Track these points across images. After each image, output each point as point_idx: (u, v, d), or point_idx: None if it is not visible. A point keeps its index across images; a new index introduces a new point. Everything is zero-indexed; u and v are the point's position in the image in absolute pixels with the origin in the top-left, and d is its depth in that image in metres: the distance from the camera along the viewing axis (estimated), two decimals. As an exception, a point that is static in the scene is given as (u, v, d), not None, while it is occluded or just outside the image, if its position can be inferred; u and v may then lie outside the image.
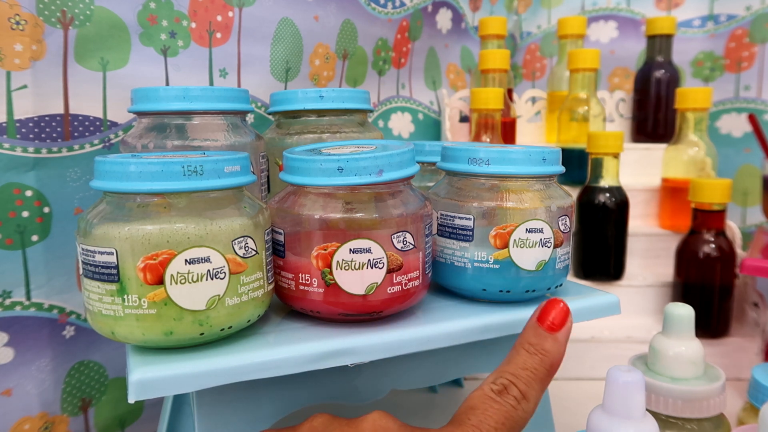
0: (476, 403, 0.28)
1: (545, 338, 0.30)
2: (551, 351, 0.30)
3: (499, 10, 0.90)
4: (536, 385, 0.29)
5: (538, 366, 0.29)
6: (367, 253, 0.31)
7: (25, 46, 0.40)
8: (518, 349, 0.30)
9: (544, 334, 0.30)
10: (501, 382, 0.29)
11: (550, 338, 0.30)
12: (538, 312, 0.31)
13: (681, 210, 0.66)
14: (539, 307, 0.31)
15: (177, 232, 0.28)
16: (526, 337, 0.30)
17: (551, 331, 0.30)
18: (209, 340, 0.30)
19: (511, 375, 0.29)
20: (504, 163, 0.35)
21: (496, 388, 0.28)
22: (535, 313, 0.31)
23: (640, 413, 0.29)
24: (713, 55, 0.83)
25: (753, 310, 0.61)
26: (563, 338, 0.30)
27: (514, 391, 0.28)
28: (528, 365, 0.29)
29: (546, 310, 0.31)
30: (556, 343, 0.30)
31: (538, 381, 0.29)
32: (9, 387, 0.42)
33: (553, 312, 0.31)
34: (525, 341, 0.30)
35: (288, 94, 0.43)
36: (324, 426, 0.28)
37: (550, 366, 0.30)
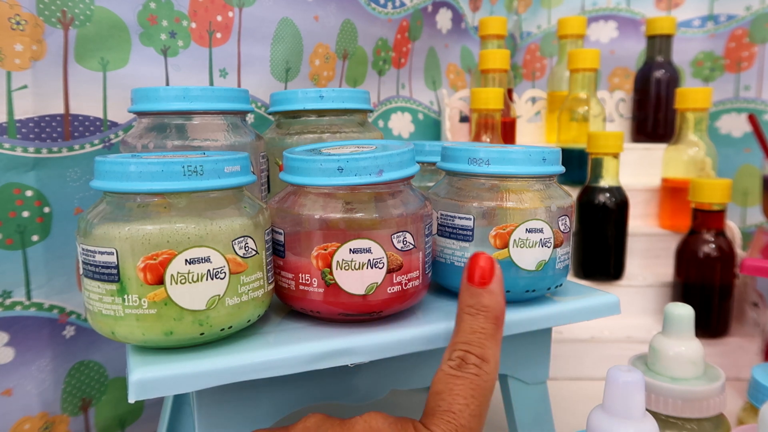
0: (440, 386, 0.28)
1: (480, 294, 0.30)
2: (491, 304, 0.29)
3: (499, 10, 0.90)
4: (490, 343, 0.29)
5: (485, 323, 0.29)
6: (367, 253, 0.31)
7: (25, 46, 0.40)
8: (460, 315, 0.30)
9: (478, 291, 0.30)
10: (456, 356, 0.28)
11: (485, 293, 0.30)
12: (466, 271, 0.31)
13: (681, 210, 0.66)
14: (465, 267, 0.31)
15: (177, 232, 0.28)
16: (462, 300, 0.30)
17: (483, 286, 0.30)
18: (209, 340, 0.30)
19: (462, 344, 0.29)
20: (504, 163, 0.35)
21: (453, 363, 0.28)
22: (464, 274, 0.31)
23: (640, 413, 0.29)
24: (713, 55, 0.83)
25: (753, 310, 0.61)
26: (497, 287, 0.30)
27: (472, 358, 0.28)
28: (475, 327, 0.29)
29: (471, 267, 0.31)
30: (493, 295, 0.30)
31: (490, 339, 0.29)
32: (9, 387, 0.42)
33: (478, 267, 0.30)
34: (463, 305, 0.30)
35: (288, 94, 0.43)
36: (317, 426, 0.28)
37: (495, 319, 0.29)
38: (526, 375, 0.39)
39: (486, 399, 0.28)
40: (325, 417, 0.29)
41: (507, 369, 0.39)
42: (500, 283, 0.31)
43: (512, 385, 0.39)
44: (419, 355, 0.35)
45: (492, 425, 0.50)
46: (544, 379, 0.40)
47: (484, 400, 0.28)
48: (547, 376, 0.40)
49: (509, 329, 0.35)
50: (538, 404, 0.40)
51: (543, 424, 0.40)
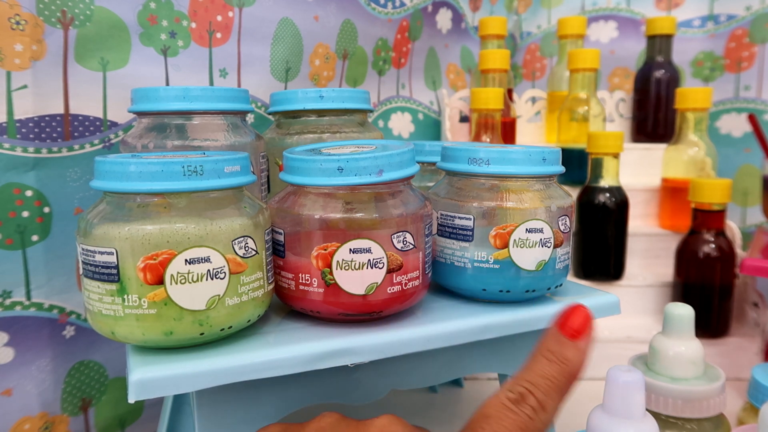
0: (491, 412, 0.27)
1: (566, 346, 0.28)
2: (572, 359, 0.28)
3: (499, 10, 0.90)
4: (555, 395, 0.27)
5: (558, 375, 0.28)
6: (367, 253, 0.31)
7: (25, 46, 0.40)
8: (537, 356, 0.29)
9: (566, 341, 0.28)
10: (518, 390, 0.27)
11: (571, 346, 0.28)
12: (560, 318, 0.29)
13: (681, 210, 0.66)
14: (561, 313, 0.30)
15: (177, 232, 0.28)
16: (546, 344, 0.29)
17: (573, 339, 0.29)
18: (209, 340, 0.30)
19: (528, 383, 0.27)
20: (504, 163, 0.35)
21: (512, 396, 0.27)
22: (556, 319, 0.30)
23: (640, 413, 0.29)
24: (713, 55, 0.83)
25: (753, 310, 0.61)
26: (585, 346, 0.29)
27: (532, 400, 0.27)
28: (547, 374, 0.28)
29: (568, 316, 0.29)
30: (578, 352, 0.28)
31: (557, 391, 0.28)
32: (9, 387, 0.42)
33: (575, 318, 0.29)
34: (545, 348, 0.29)
35: (288, 94, 0.43)
36: (332, 427, 0.27)
37: (570, 375, 0.28)
38: (526, 375, 0.39)
39: None
40: (341, 417, 0.28)
41: (507, 369, 0.39)
42: (589, 342, 0.29)
43: (512, 385, 0.39)
44: (419, 355, 0.35)
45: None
46: (544, 379, 0.40)
47: None
48: (547, 376, 0.40)
49: (510, 329, 0.36)
50: (538, 404, 0.40)
51: (543, 424, 0.40)
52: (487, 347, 0.38)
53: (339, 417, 0.28)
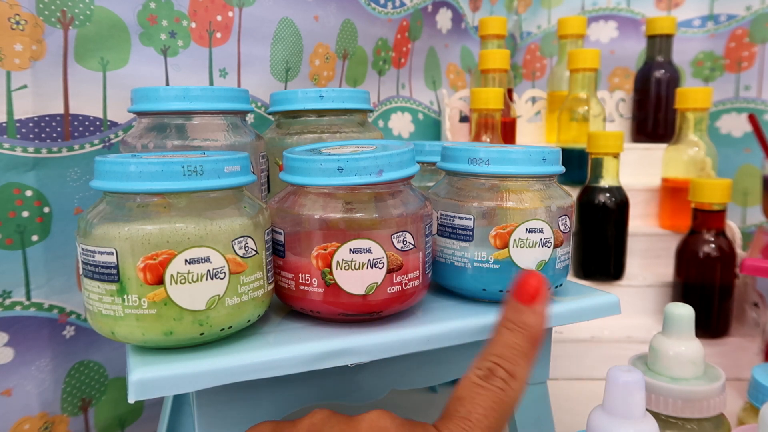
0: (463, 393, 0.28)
1: (524, 312, 0.29)
2: (532, 324, 0.29)
3: (499, 10, 0.90)
4: (522, 361, 0.28)
5: (521, 341, 0.29)
6: (367, 253, 0.31)
7: (25, 46, 0.40)
8: (499, 328, 0.29)
9: (522, 308, 0.29)
10: (486, 366, 0.28)
11: (528, 311, 0.29)
12: (514, 288, 0.30)
13: (681, 210, 0.66)
14: (514, 283, 0.30)
15: (177, 232, 0.28)
16: (505, 314, 0.30)
17: (529, 304, 0.29)
18: (209, 340, 0.30)
19: (495, 356, 0.28)
20: (504, 163, 0.35)
21: (481, 373, 0.28)
22: (511, 288, 0.30)
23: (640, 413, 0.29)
24: (713, 55, 0.83)
25: (753, 310, 0.61)
26: (542, 309, 0.30)
27: (501, 372, 0.28)
28: (511, 343, 0.29)
29: (521, 283, 0.30)
30: (536, 315, 0.29)
31: (524, 357, 0.28)
32: (9, 387, 0.42)
33: (528, 284, 0.30)
34: (505, 319, 0.30)
35: (288, 94, 0.43)
36: (323, 423, 0.28)
37: (533, 339, 0.29)
38: (526, 375, 0.39)
39: (506, 415, 0.28)
40: (332, 413, 0.29)
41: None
42: (546, 304, 0.30)
43: (512, 385, 0.39)
44: (419, 355, 0.35)
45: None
46: (544, 379, 0.40)
47: (503, 415, 0.27)
48: (547, 376, 0.40)
49: (509, 329, 0.35)
50: (538, 404, 0.40)
51: (543, 424, 0.40)
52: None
53: (329, 413, 0.28)
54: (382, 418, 0.28)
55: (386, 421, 0.27)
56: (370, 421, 0.27)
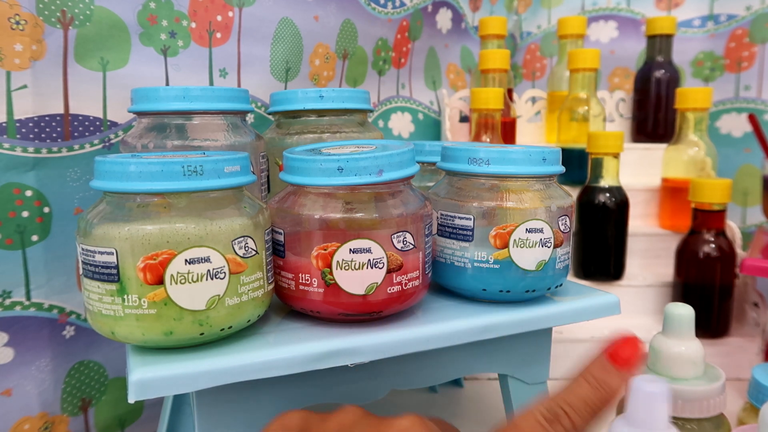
0: (524, 427, 0.27)
1: (612, 375, 0.28)
2: (615, 387, 0.28)
3: (499, 10, 0.90)
4: (590, 419, 0.27)
5: (597, 400, 0.28)
6: (367, 253, 0.31)
7: (25, 46, 0.40)
8: (580, 380, 0.28)
9: (612, 369, 0.28)
10: (554, 411, 0.27)
11: (616, 375, 0.28)
12: (612, 347, 0.29)
13: (681, 210, 0.66)
14: (612, 341, 0.29)
15: (177, 232, 0.28)
16: (591, 369, 0.29)
17: (621, 369, 0.28)
18: (209, 340, 0.30)
19: (566, 405, 0.27)
20: (504, 163, 0.35)
21: (547, 415, 0.27)
22: (607, 347, 0.29)
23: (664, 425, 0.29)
24: (713, 55, 0.83)
25: (753, 310, 0.61)
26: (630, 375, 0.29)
27: (566, 422, 0.27)
28: (587, 398, 0.28)
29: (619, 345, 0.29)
30: (622, 381, 0.28)
31: (593, 414, 0.27)
32: (9, 387, 0.42)
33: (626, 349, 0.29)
34: (589, 374, 0.28)
35: (288, 94, 0.43)
36: (354, 423, 0.27)
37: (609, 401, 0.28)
38: (526, 375, 0.39)
39: None
40: (364, 414, 0.27)
41: (507, 369, 0.39)
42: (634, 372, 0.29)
43: (512, 385, 0.39)
44: (419, 355, 0.35)
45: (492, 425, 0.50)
46: (544, 379, 0.40)
47: None
48: (547, 376, 0.40)
49: (510, 329, 0.35)
50: (538, 404, 0.40)
51: (543, 424, 0.40)
52: (487, 347, 0.38)
53: (362, 413, 0.27)
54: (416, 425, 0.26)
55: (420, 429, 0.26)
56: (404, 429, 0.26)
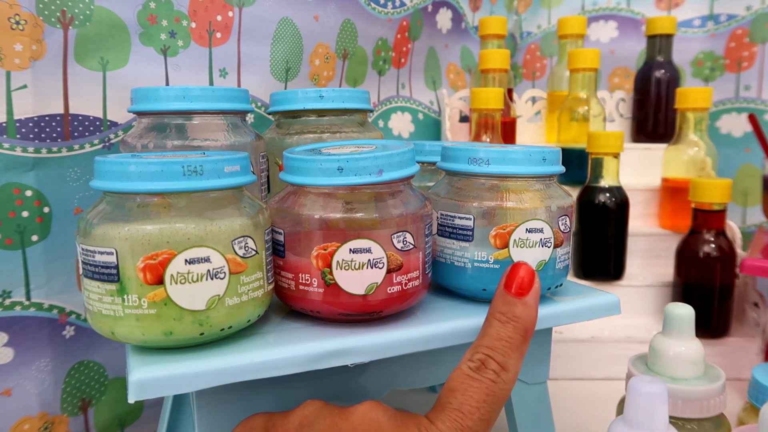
0: (455, 384, 0.28)
1: (515, 304, 0.29)
2: (523, 316, 0.29)
3: (499, 10, 0.90)
4: (513, 353, 0.29)
5: (512, 334, 0.29)
6: (367, 253, 0.31)
7: (25, 45, 0.40)
8: (490, 320, 0.30)
9: (513, 300, 0.30)
10: (477, 358, 0.28)
11: (519, 303, 0.29)
12: (504, 279, 0.30)
13: (681, 210, 0.66)
14: (504, 274, 0.31)
15: (177, 232, 0.28)
16: (495, 306, 0.30)
17: (519, 296, 0.30)
18: (209, 340, 0.30)
19: (486, 348, 0.28)
20: (504, 163, 0.35)
21: (473, 365, 0.28)
22: (501, 281, 0.31)
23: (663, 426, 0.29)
24: (713, 54, 0.83)
25: (753, 310, 0.61)
26: (533, 301, 0.30)
27: (492, 364, 0.28)
28: (502, 335, 0.29)
29: (511, 275, 0.30)
30: (527, 307, 0.29)
31: (515, 349, 0.29)
32: (9, 387, 0.42)
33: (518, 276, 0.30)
34: (495, 311, 0.30)
35: (288, 94, 0.43)
36: (315, 414, 0.28)
37: (525, 331, 0.29)
38: (526, 375, 0.39)
39: (498, 406, 0.28)
40: (324, 404, 0.29)
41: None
42: (536, 297, 0.30)
43: (512, 385, 0.39)
44: (419, 355, 0.35)
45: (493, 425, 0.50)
46: (544, 379, 0.40)
47: (495, 407, 0.28)
48: (548, 376, 0.40)
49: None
50: (538, 404, 0.40)
51: (543, 424, 0.40)
52: (487, 347, 0.38)
53: (321, 404, 0.29)
54: (373, 409, 0.28)
55: (378, 413, 0.28)
56: (363, 413, 0.27)
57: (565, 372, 0.61)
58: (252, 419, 0.30)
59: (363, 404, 0.28)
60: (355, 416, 0.27)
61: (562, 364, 0.60)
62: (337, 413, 0.28)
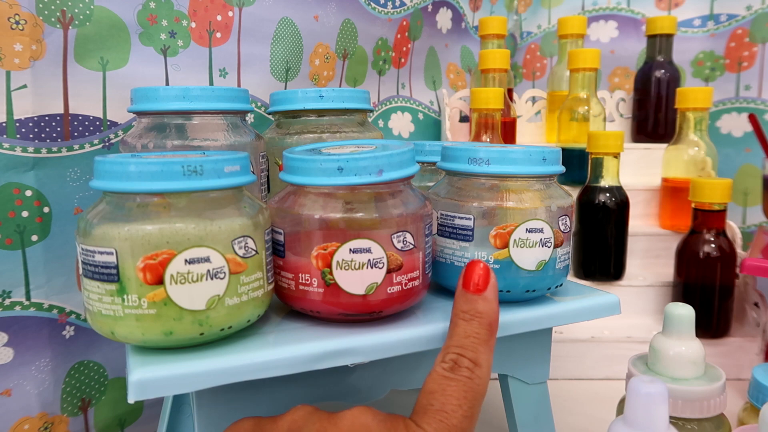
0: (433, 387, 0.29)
1: (475, 301, 0.30)
2: (485, 311, 0.30)
3: (499, 9, 0.90)
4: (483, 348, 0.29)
5: (478, 329, 0.30)
6: (367, 253, 0.31)
7: (25, 45, 0.40)
8: (455, 320, 0.31)
9: (474, 297, 0.31)
10: (450, 358, 0.29)
11: (480, 299, 0.30)
12: (462, 279, 0.32)
13: (681, 210, 0.66)
14: (461, 274, 0.32)
15: (177, 232, 0.28)
16: (458, 306, 0.31)
17: (478, 293, 0.31)
18: (209, 340, 0.30)
19: (456, 347, 0.29)
20: (504, 162, 0.35)
21: (446, 365, 0.29)
22: (459, 281, 0.32)
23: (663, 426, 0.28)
24: (713, 54, 0.83)
25: (753, 310, 0.61)
26: (492, 295, 0.31)
27: (465, 362, 0.29)
28: (469, 332, 0.30)
29: (467, 274, 0.31)
30: (487, 302, 0.31)
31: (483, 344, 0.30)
32: (9, 387, 0.42)
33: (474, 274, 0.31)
34: (458, 310, 0.31)
35: (288, 93, 0.43)
36: (304, 419, 0.28)
37: (489, 326, 0.30)
38: (526, 375, 0.39)
39: (478, 402, 0.28)
40: (314, 409, 0.29)
41: (507, 369, 0.39)
42: (495, 291, 0.31)
43: (512, 385, 0.39)
44: (419, 355, 0.35)
45: (492, 425, 0.50)
46: (544, 379, 0.40)
47: (476, 402, 0.28)
48: (547, 376, 0.40)
49: (509, 329, 0.35)
50: (538, 404, 0.40)
51: (543, 424, 0.40)
52: (487, 347, 0.38)
53: (311, 409, 0.29)
54: (363, 414, 0.28)
55: (367, 417, 0.28)
56: (352, 418, 0.28)
57: (565, 372, 0.61)
58: (240, 423, 0.30)
59: (352, 409, 0.28)
60: (344, 422, 0.27)
61: (562, 364, 0.60)
62: (326, 418, 0.28)
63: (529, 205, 0.35)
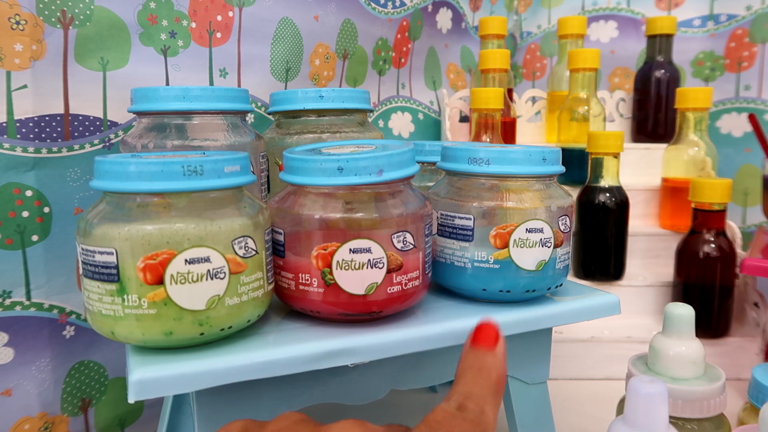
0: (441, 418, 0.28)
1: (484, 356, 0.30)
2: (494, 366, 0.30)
3: (499, 9, 0.90)
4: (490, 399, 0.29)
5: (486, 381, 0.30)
6: (367, 253, 0.31)
7: (25, 45, 0.40)
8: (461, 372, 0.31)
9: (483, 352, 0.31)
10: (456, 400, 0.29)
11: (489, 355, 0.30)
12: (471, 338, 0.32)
13: (681, 210, 0.66)
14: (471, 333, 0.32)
15: (177, 232, 0.28)
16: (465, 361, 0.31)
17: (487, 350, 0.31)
18: (209, 340, 0.30)
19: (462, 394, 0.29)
20: (504, 163, 0.35)
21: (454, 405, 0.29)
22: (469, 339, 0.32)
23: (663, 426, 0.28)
24: (713, 54, 0.83)
25: (753, 310, 0.61)
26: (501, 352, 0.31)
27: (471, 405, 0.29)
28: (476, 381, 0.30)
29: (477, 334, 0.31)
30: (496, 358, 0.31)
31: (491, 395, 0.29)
32: (9, 387, 0.42)
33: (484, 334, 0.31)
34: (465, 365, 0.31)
35: (288, 94, 0.43)
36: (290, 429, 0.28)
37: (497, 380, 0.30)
38: (526, 375, 0.39)
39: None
40: (301, 418, 0.28)
41: (507, 369, 0.39)
42: (503, 347, 0.31)
43: (512, 385, 0.39)
44: (419, 355, 0.35)
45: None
46: (544, 379, 0.40)
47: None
48: (547, 376, 0.40)
49: (510, 329, 0.36)
50: (538, 404, 0.40)
51: (543, 424, 0.40)
52: (487, 347, 0.38)
53: (298, 418, 0.28)
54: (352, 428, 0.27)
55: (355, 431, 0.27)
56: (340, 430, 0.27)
57: (565, 372, 0.61)
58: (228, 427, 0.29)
59: (340, 422, 0.28)
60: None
61: (562, 364, 0.60)
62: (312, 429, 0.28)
63: (529, 205, 0.35)
